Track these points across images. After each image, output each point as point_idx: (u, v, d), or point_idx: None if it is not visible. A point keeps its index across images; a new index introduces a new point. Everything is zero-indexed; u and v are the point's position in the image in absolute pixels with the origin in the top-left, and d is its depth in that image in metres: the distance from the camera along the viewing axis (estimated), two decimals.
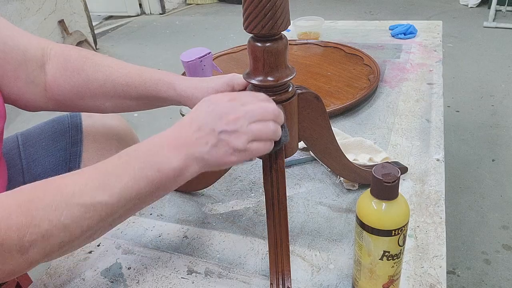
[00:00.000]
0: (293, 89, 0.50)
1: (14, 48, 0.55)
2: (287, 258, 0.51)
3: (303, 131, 0.54)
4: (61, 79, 0.58)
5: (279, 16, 0.44)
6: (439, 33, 1.32)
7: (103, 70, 0.58)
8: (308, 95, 0.52)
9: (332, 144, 0.58)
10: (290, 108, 0.50)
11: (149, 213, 0.67)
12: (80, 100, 0.59)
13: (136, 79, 0.57)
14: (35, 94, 0.58)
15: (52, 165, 0.71)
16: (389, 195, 0.42)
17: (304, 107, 0.52)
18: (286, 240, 0.50)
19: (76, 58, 0.59)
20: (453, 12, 3.35)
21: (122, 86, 0.58)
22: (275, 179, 0.49)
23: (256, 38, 0.46)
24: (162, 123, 2.02)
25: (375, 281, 0.46)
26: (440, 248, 0.55)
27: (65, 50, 0.60)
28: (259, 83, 0.48)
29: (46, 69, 0.58)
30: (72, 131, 0.74)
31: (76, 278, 0.56)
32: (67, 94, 0.59)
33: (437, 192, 0.65)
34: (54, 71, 0.58)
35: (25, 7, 2.51)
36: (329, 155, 0.59)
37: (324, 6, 3.84)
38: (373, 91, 0.95)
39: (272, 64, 0.46)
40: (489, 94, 2.04)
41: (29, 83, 0.57)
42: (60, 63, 0.58)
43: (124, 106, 0.60)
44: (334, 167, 0.61)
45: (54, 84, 0.58)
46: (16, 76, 0.55)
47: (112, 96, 0.58)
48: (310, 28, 1.34)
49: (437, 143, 0.76)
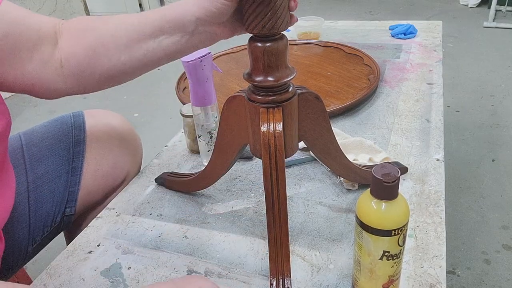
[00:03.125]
0: (294, 89, 0.50)
1: (28, 28, 0.53)
2: (287, 258, 0.50)
3: (303, 131, 0.54)
4: (74, 45, 0.55)
5: (279, 16, 0.44)
6: (439, 33, 1.32)
7: (114, 19, 0.55)
8: (309, 95, 0.52)
9: (332, 144, 0.58)
10: (290, 108, 0.50)
11: (149, 213, 0.67)
12: (97, 62, 0.54)
13: (149, 12, 0.53)
14: (51, 73, 0.55)
15: (55, 164, 0.71)
16: (389, 195, 0.42)
17: (304, 107, 0.52)
18: (286, 240, 0.50)
19: (87, 19, 0.56)
20: (453, 12, 3.35)
21: (134, 26, 0.53)
22: (275, 179, 0.49)
23: (257, 38, 0.46)
24: (162, 123, 2.02)
25: (375, 281, 0.46)
26: (440, 248, 0.55)
27: (76, 19, 0.57)
28: (259, 83, 0.48)
29: (59, 45, 0.55)
30: (76, 130, 0.74)
31: (76, 278, 0.56)
32: (82, 60, 0.54)
33: (437, 192, 0.65)
34: (67, 41, 0.55)
35: (25, 7, 2.51)
36: (329, 155, 0.59)
37: (324, 6, 3.83)
38: (373, 91, 0.95)
39: (272, 64, 0.46)
40: (489, 94, 2.04)
41: (45, 63, 0.54)
42: (72, 30, 0.56)
43: (139, 55, 0.54)
44: (334, 167, 0.61)
45: (68, 54, 0.55)
46: (30, 57, 0.53)
47: (126, 45, 0.53)
48: (310, 28, 1.34)
49: (437, 143, 0.76)
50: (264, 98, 0.49)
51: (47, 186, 0.69)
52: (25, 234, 0.67)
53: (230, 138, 0.57)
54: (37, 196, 0.68)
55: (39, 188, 0.68)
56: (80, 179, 0.72)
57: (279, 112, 0.49)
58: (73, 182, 0.72)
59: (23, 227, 0.66)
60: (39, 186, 0.69)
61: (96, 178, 0.74)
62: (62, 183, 0.71)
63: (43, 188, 0.69)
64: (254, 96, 0.50)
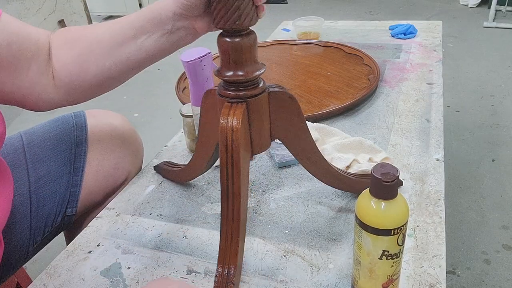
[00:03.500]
0: (264, 86, 0.50)
1: (27, 38, 0.53)
2: (235, 253, 0.49)
3: (276, 130, 0.54)
4: (64, 55, 0.55)
5: (242, 11, 0.45)
6: (439, 33, 1.32)
7: (101, 25, 0.55)
8: (281, 94, 0.52)
9: (310, 146, 0.57)
10: (257, 105, 0.50)
11: (149, 213, 0.67)
12: (86, 71, 0.55)
13: (130, 15, 0.55)
14: (46, 85, 0.56)
15: (57, 165, 0.71)
16: (388, 195, 0.42)
17: (276, 105, 0.52)
18: (236, 236, 0.49)
19: (76, 29, 0.57)
20: (453, 12, 3.35)
21: (116, 30, 0.54)
22: (230, 173, 0.48)
23: (224, 33, 0.47)
24: (162, 123, 2.02)
25: (374, 281, 0.46)
26: (439, 248, 0.55)
27: (64, 29, 0.58)
28: (227, 78, 0.48)
29: (51, 55, 0.56)
30: (77, 130, 0.74)
31: (76, 278, 0.56)
32: (72, 69, 0.55)
33: (436, 192, 0.65)
34: (57, 52, 0.56)
35: (25, 7, 2.51)
36: (308, 159, 0.58)
37: (324, 6, 3.84)
38: (373, 91, 0.95)
39: (239, 60, 0.47)
40: (489, 94, 2.04)
41: (41, 74, 0.55)
42: (61, 40, 0.56)
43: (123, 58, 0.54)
44: (314, 171, 0.60)
45: (59, 65, 0.56)
46: (28, 67, 0.54)
47: (110, 49, 0.54)
48: (310, 28, 1.34)
49: (437, 143, 0.76)
50: (229, 93, 0.49)
51: (48, 187, 0.69)
52: (26, 234, 0.67)
53: (209, 132, 0.57)
54: (38, 196, 0.68)
55: (40, 189, 0.68)
56: (81, 179, 0.72)
57: (241, 107, 0.48)
58: (74, 183, 0.72)
59: (24, 228, 0.66)
60: (40, 186, 0.69)
61: (97, 178, 0.74)
62: (63, 184, 0.71)
63: (45, 189, 0.69)
64: (223, 91, 0.50)
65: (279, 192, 0.69)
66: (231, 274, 0.49)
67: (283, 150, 0.76)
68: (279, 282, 0.53)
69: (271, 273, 0.54)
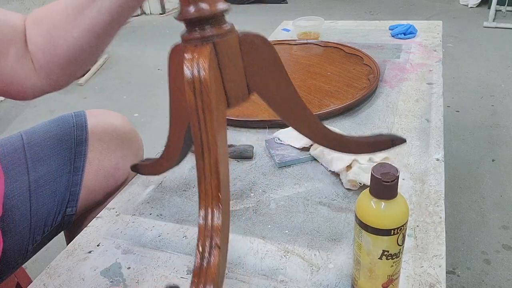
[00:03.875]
0: (232, 27, 0.44)
1: (5, 23, 0.53)
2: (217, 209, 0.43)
3: (252, 81, 0.47)
4: (35, 36, 0.54)
5: None
6: (439, 33, 1.32)
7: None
8: (254, 38, 0.45)
9: (294, 99, 0.49)
10: (226, 47, 0.43)
11: (149, 213, 0.67)
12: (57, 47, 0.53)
13: None
14: (27, 70, 0.55)
15: (57, 164, 0.71)
16: (388, 194, 0.42)
17: (249, 51, 0.45)
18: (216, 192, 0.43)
19: (45, 7, 0.56)
20: (453, 12, 3.35)
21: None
22: (202, 120, 0.42)
23: None
24: (162, 122, 2.02)
25: (374, 281, 0.46)
26: (439, 248, 0.55)
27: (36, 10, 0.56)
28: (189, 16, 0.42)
29: (26, 38, 0.55)
30: (78, 130, 0.74)
31: (75, 278, 0.56)
32: (44, 48, 0.54)
33: (436, 192, 0.65)
34: (29, 31, 0.55)
35: (25, 7, 2.51)
36: (293, 114, 0.50)
37: (324, 6, 3.84)
38: (373, 91, 0.95)
39: None
40: (489, 94, 2.04)
41: (19, 58, 0.54)
42: (31, 21, 0.55)
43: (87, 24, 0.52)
44: (300, 128, 0.52)
45: (32, 46, 0.54)
46: (7, 52, 0.53)
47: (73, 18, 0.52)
48: (310, 28, 1.34)
49: (437, 143, 0.76)
50: (194, 35, 0.43)
51: (48, 186, 0.69)
52: (26, 233, 0.67)
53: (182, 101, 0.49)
54: (38, 195, 0.68)
55: (40, 188, 0.69)
56: (81, 179, 0.72)
57: (206, 47, 0.42)
58: (74, 182, 0.72)
59: (24, 227, 0.66)
60: (40, 185, 0.69)
61: (98, 178, 0.74)
62: (63, 183, 0.71)
63: (45, 188, 0.69)
64: (186, 36, 0.44)
65: (279, 192, 0.69)
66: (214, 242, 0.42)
67: (283, 150, 0.76)
68: (279, 282, 0.53)
69: (271, 273, 0.54)
